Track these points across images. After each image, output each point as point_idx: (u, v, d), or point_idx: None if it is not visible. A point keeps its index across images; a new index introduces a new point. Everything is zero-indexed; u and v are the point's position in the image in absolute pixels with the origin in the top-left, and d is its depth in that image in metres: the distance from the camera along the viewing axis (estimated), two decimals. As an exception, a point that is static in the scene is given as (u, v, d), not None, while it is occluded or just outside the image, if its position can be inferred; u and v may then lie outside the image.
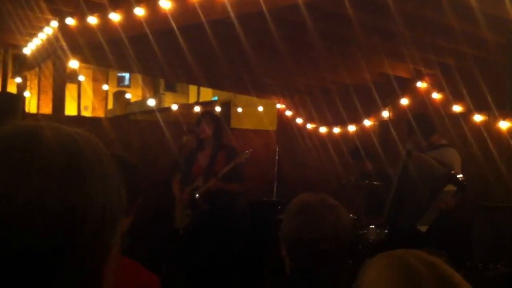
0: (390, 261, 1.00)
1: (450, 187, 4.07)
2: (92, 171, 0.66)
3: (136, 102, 20.50)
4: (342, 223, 1.84)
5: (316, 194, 1.93)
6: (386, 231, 4.82)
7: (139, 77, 20.94)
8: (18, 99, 5.75)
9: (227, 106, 11.67)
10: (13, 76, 7.43)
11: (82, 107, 14.68)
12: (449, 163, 4.30)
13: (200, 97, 16.57)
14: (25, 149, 0.63)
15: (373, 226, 4.90)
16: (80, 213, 0.64)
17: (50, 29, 5.54)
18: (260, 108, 9.35)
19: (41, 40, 5.88)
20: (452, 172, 4.07)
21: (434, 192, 4.04)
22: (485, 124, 5.40)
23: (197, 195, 4.85)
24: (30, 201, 0.61)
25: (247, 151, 4.91)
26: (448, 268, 0.98)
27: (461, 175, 4.12)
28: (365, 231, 4.90)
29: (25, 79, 7.21)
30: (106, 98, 22.79)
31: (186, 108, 11.80)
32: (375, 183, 5.07)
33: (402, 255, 1.00)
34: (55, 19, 5.35)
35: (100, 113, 21.00)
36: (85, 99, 17.92)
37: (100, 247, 0.67)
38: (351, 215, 5.06)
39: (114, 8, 4.81)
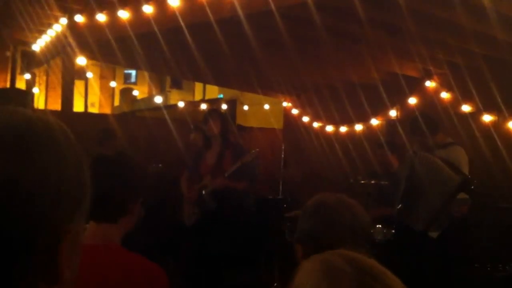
0: (316, 263, 1.01)
1: (463, 195, 4.04)
2: (42, 152, 0.68)
3: (142, 99, 20.54)
4: (359, 222, 1.82)
5: (333, 194, 1.91)
6: (393, 230, 4.80)
7: (145, 74, 20.98)
8: (27, 95, 5.77)
9: (233, 104, 11.67)
10: (22, 73, 7.47)
11: (89, 104, 14.73)
12: (457, 162, 4.27)
13: (206, 95, 16.59)
14: None
15: (380, 226, 4.89)
16: (24, 188, 0.65)
17: (59, 26, 5.56)
18: (267, 106, 9.35)
19: (50, 37, 5.90)
20: (465, 180, 4.01)
21: (446, 200, 4.01)
22: (494, 124, 5.36)
23: (204, 193, 4.86)
24: None
25: (253, 151, 4.90)
26: (376, 264, 0.98)
27: (473, 182, 4.07)
28: (372, 231, 4.89)
29: (33, 75, 7.24)
30: (112, 95, 22.85)
31: (192, 105, 11.82)
32: (383, 182, 5.05)
33: (327, 256, 1.03)
34: (64, 16, 5.37)
35: (107, 110, 21.06)
36: (92, 96, 17.97)
37: (51, 228, 0.68)
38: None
39: (123, 6, 4.82)
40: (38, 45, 6.32)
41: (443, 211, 4.03)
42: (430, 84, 6.00)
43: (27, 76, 6.97)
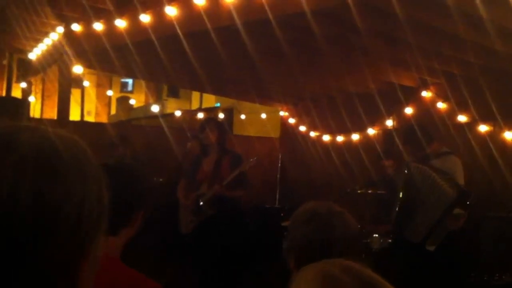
0: (313, 273, 1.01)
1: (459, 210, 4.04)
2: (66, 170, 0.68)
3: (139, 108, 20.52)
4: (350, 230, 1.82)
5: (323, 202, 1.90)
6: (390, 240, 4.79)
7: (142, 83, 20.97)
8: (23, 103, 5.76)
9: (230, 113, 11.68)
10: (18, 81, 7.45)
11: (85, 112, 14.70)
12: (451, 172, 4.27)
13: (202, 103, 16.58)
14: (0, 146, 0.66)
15: (377, 235, 4.88)
16: (51, 207, 0.65)
17: (55, 34, 5.55)
18: (263, 115, 9.35)
19: (47, 45, 5.89)
20: (460, 196, 4.00)
21: (442, 216, 4.01)
22: (490, 134, 5.37)
23: (201, 202, 4.85)
24: (2, 193, 0.63)
25: (252, 159, 4.90)
26: (373, 274, 0.98)
27: (469, 196, 4.05)
28: (368, 240, 4.88)
29: (29, 84, 7.22)
30: (109, 103, 22.82)
31: (189, 114, 11.81)
32: (379, 192, 5.05)
33: (325, 266, 1.02)
34: (61, 25, 5.37)
35: (103, 118, 21.02)
36: (88, 104, 17.95)
37: (75, 246, 0.68)
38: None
39: (120, 15, 4.82)
40: (35, 54, 6.32)
41: (439, 226, 4.02)
42: (426, 94, 6.02)
43: (23, 84, 6.96)
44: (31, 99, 8.05)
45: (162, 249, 5.42)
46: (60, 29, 5.41)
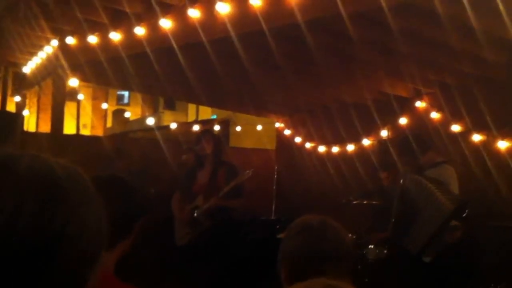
0: None
1: (455, 222, 4.04)
2: (66, 202, 0.68)
3: (135, 120, 20.52)
4: (343, 244, 1.82)
5: (316, 216, 1.90)
6: (386, 251, 4.78)
7: (138, 96, 21.01)
8: (17, 118, 5.74)
9: (226, 125, 11.67)
10: (13, 94, 7.44)
11: (81, 125, 14.69)
12: (447, 181, 4.27)
13: (199, 115, 16.61)
14: (1, 174, 0.66)
15: (372, 246, 4.86)
16: (52, 234, 0.65)
17: (50, 48, 5.56)
18: (259, 127, 9.36)
19: (41, 59, 5.89)
20: (457, 209, 4.00)
21: (438, 229, 4.00)
22: (484, 143, 5.39)
23: (196, 214, 4.82)
24: (3, 221, 0.63)
25: (248, 171, 4.89)
26: None
27: (466, 208, 4.05)
28: (364, 251, 4.86)
29: (24, 97, 7.22)
30: (105, 116, 22.81)
31: (185, 126, 11.81)
32: (375, 202, 5.04)
33: (309, 285, 1.03)
34: (55, 38, 5.37)
35: (99, 131, 20.99)
36: (84, 117, 17.94)
37: (75, 271, 0.68)
38: (350, 234, 5.04)
39: (115, 28, 4.83)
40: (29, 67, 6.31)
41: (435, 238, 4.01)
42: (420, 104, 6.04)
43: (17, 98, 6.95)
44: (25, 112, 8.03)
45: (157, 262, 5.38)
46: (55, 43, 5.42)
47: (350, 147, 6.88)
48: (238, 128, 10.98)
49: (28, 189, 0.66)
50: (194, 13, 4.22)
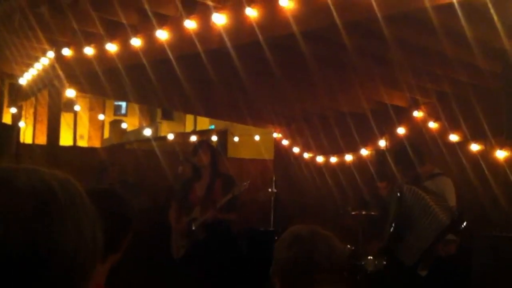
0: None
1: (451, 236, 4.02)
2: (63, 214, 0.68)
3: (132, 131, 20.49)
4: (335, 253, 1.82)
5: (306, 225, 1.91)
6: (385, 262, 4.74)
7: (135, 106, 21.00)
8: (12, 129, 5.72)
9: (224, 135, 11.66)
10: (9, 106, 7.43)
11: (78, 136, 14.66)
12: (443, 193, 4.26)
13: (197, 126, 16.59)
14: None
15: (371, 257, 4.82)
16: (47, 249, 0.65)
17: (46, 59, 5.55)
18: (257, 137, 9.34)
19: (37, 70, 5.88)
20: (453, 223, 3.98)
21: (433, 243, 3.98)
22: (482, 153, 5.38)
23: (194, 227, 4.79)
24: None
25: (245, 183, 4.87)
26: None
27: (462, 222, 4.03)
28: (363, 262, 4.82)
29: (20, 109, 7.20)
30: (102, 127, 22.77)
31: (182, 137, 11.79)
32: (373, 213, 5.01)
33: None
34: (51, 49, 5.37)
35: (96, 142, 20.95)
36: (81, 128, 17.91)
37: (70, 286, 0.68)
38: (348, 245, 5.01)
39: (111, 39, 4.83)
40: (25, 79, 6.30)
41: (430, 251, 3.99)
42: (417, 113, 6.04)
43: (13, 110, 6.93)
44: (22, 124, 8.01)
45: (153, 274, 5.33)
46: (51, 54, 5.41)
47: (348, 157, 6.86)
48: (236, 139, 10.97)
49: (26, 203, 0.66)
50: (190, 24, 4.22)
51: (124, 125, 19.84)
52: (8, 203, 0.65)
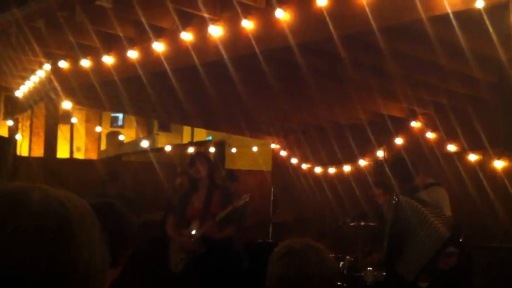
0: None
1: (452, 248, 4.00)
2: (78, 234, 0.70)
3: (129, 143, 20.47)
4: (327, 266, 1.84)
5: (300, 239, 1.94)
6: (384, 273, 4.70)
7: (132, 118, 21.00)
8: (9, 142, 5.69)
9: (221, 146, 11.64)
10: (6, 118, 7.41)
11: (74, 148, 14.62)
12: (438, 203, 4.25)
13: (194, 137, 16.56)
14: (13, 214, 0.66)
15: (371, 268, 4.79)
16: (65, 275, 0.67)
17: (42, 71, 5.54)
18: (255, 148, 9.32)
19: (34, 82, 5.87)
20: (454, 235, 3.96)
21: (433, 256, 3.96)
22: (479, 163, 5.37)
23: (192, 240, 4.75)
24: (20, 264, 0.64)
25: (245, 196, 4.84)
26: None
27: (461, 234, 4.01)
28: (362, 274, 4.79)
29: (16, 121, 7.19)
30: (99, 139, 22.74)
31: (179, 148, 11.77)
32: (372, 224, 4.99)
33: None
34: (48, 62, 5.36)
35: (93, 154, 20.91)
36: (78, 140, 17.87)
37: None
38: (348, 256, 4.97)
39: (107, 51, 4.83)
40: (22, 91, 6.29)
41: (429, 265, 3.96)
42: (415, 124, 6.04)
43: (10, 122, 6.91)
44: (18, 137, 7.98)
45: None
46: (47, 66, 5.41)
47: (346, 168, 6.85)
48: (234, 150, 10.95)
49: (44, 226, 0.67)
50: (186, 36, 4.23)
51: (121, 137, 19.82)
52: (27, 226, 0.66)
